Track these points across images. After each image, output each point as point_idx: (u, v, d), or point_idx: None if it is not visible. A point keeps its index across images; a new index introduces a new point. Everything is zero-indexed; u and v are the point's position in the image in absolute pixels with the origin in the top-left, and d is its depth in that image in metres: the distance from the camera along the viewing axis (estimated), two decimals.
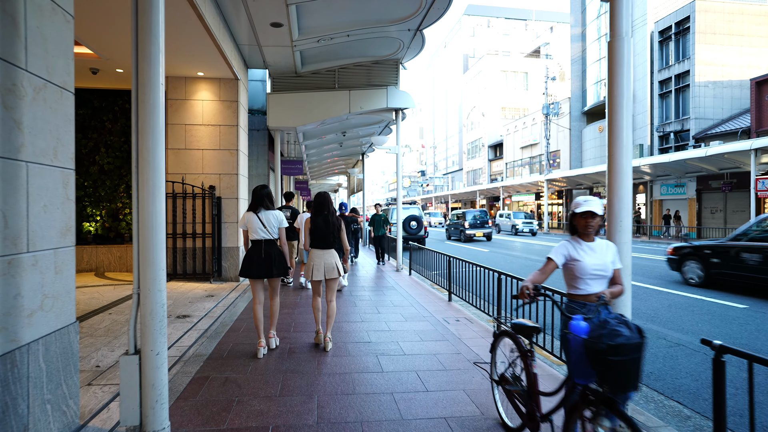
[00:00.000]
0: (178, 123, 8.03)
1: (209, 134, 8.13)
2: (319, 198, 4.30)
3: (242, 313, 5.74)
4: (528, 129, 40.13)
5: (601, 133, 30.76)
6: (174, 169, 8.01)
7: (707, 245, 8.50)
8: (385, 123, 11.37)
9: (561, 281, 2.51)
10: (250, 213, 4.10)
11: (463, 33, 59.39)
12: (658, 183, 24.97)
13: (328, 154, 15.72)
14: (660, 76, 25.02)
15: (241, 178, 8.39)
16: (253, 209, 4.11)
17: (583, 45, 34.20)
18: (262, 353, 4.00)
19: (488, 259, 13.62)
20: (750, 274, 7.46)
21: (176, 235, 7.87)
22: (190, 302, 6.22)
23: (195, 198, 7.94)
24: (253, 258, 4.02)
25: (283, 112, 9.43)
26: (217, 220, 8.06)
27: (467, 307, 6.42)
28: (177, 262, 7.90)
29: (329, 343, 4.22)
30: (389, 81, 9.82)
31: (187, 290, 7.10)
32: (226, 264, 8.17)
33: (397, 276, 9.33)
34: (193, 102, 8.08)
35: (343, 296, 6.98)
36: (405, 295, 7.16)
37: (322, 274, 4.14)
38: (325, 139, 12.61)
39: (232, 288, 7.49)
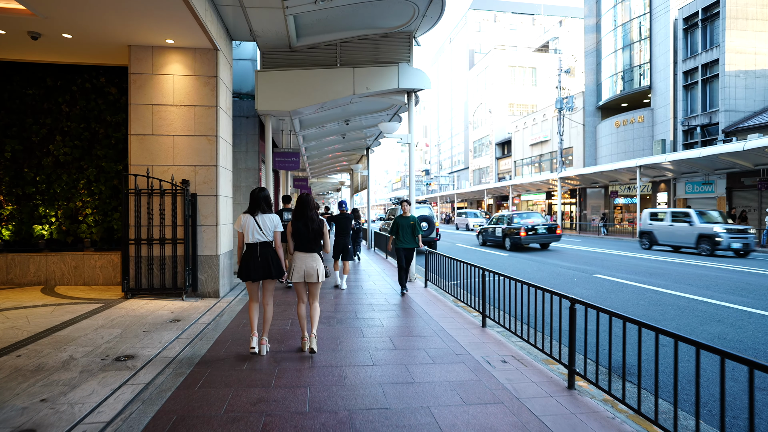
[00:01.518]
0: (142, 103, 6.54)
1: (182, 117, 6.63)
2: (300, 200, 4.24)
3: (211, 348, 4.23)
4: (538, 125, 38.52)
5: (618, 128, 29.14)
6: (138, 160, 6.52)
7: (484, 226, 17.85)
8: (395, 109, 9.85)
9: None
10: (247, 215, 4.07)
11: (469, 28, 57.79)
12: (683, 181, 23.33)
13: (329, 147, 14.22)
14: (685, 66, 23.39)
15: (222, 170, 6.89)
16: (251, 212, 4.09)
17: (597, 36, 32.55)
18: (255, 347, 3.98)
19: (510, 266, 12.08)
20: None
21: (140, 241, 6.37)
22: (144, 332, 4.71)
23: (163, 195, 6.44)
24: (251, 261, 4.04)
25: (275, 94, 7.93)
26: (192, 222, 6.56)
27: (509, 337, 4.90)
28: (141, 275, 6.41)
29: (314, 340, 4.15)
30: (400, 57, 8.30)
31: (148, 312, 5.60)
32: (202, 276, 6.67)
33: (411, 288, 7.81)
34: (162, 77, 6.58)
35: (347, 320, 5.47)
36: (425, 318, 5.63)
37: (301, 276, 4.14)
38: (326, 128, 11.10)
39: (207, 308, 5.98)
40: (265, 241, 4.08)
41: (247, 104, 9.46)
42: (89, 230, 7.53)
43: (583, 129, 32.73)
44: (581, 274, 9.92)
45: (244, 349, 4.22)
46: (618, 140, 29.07)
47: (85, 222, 7.53)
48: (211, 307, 6.01)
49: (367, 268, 10.61)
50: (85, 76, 7.46)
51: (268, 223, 4.10)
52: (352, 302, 6.56)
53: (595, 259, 13.05)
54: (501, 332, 5.13)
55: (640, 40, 28.05)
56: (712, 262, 12.14)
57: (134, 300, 6.21)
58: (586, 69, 33.20)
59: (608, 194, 30.75)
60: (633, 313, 6.35)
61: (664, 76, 25.13)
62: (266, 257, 4.06)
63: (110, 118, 7.52)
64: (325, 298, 6.78)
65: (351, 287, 7.87)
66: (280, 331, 4.90)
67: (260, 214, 4.08)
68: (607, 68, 31.19)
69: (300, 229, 4.14)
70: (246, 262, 4.05)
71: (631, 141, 28.00)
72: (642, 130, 27.25)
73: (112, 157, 7.50)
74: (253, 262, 4.02)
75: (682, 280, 9.08)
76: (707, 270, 10.50)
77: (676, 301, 7.02)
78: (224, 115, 7.05)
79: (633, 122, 27.89)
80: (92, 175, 7.50)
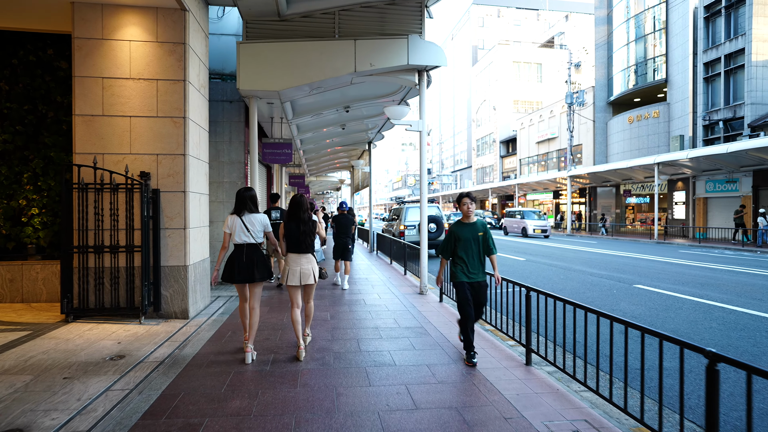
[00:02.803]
0: (90, 75, 5.22)
1: (141, 93, 5.31)
2: (293, 201, 4.17)
3: (151, 409, 2.92)
4: (545, 122, 37.20)
5: (631, 124, 27.81)
6: (85, 147, 5.20)
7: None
8: (403, 92, 8.53)
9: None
10: (234, 216, 4.02)
11: (472, 23, 56.46)
12: (703, 179, 22.01)
13: (328, 141, 12.91)
14: (705, 58, 22.06)
15: (193, 161, 5.58)
16: (237, 212, 4.03)
17: (608, 28, 31.21)
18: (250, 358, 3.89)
19: (530, 273, 10.76)
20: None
21: (86, 248, 5.06)
22: (65, 379, 3.40)
23: (116, 191, 5.13)
24: (236, 263, 3.96)
25: (261, 70, 6.61)
26: (153, 225, 5.25)
27: (567, 383, 3.59)
28: (88, 291, 5.09)
29: (308, 338, 4.32)
30: (410, 28, 6.99)
31: (86, 343, 4.28)
32: (167, 292, 5.35)
33: (422, 303, 6.49)
34: (115, 44, 5.26)
35: (347, 355, 4.15)
36: (448, 350, 4.31)
37: (297, 279, 4.03)
38: (323, 117, 9.78)
39: (169, 334, 4.67)
40: (252, 243, 4.02)
41: (231, 87, 8.15)
42: (35, 234, 6.21)
43: (593, 125, 31.40)
44: (618, 284, 8.59)
45: (200, 409, 2.91)
46: (631, 137, 27.75)
47: (30, 224, 6.22)
48: (174, 334, 4.69)
49: (369, 275, 9.30)
50: (29, 47, 6.13)
51: (256, 224, 4.06)
52: (353, 324, 5.24)
53: (625, 264, 11.72)
54: (552, 372, 3.82)
55: (654, 32, 26.72)
56: None
57: (75, 325, 4.89)
58: (597, 63, 31.86)
59: (620, 193, 29.43)
60: (713, 343, 5.03)
61: (682, 69, 23.80)
62: (252, 259, 3.99)
63: (61, 99, 6.20)
64: (319, 319, 5.47)
65: (352, 302, 6.56)
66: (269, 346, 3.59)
67: (247, 214, 4.03)
68: (618, 62, 29.86)
69: (293, 231, 4.05)
70: (231, 263, 3.99)
71: (645, 137, 26.67)
72: (657, 126, 25.93)
73: (64, 146, 6.18)
74: (238, 263, 3.96)
75: (744, 292, 7.76)
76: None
77: (758, 323, 5.71)
78: (195, 93, 5.73)
79: (647, 117, 26.56)
80: (39, 168, 6.18)
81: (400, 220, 13.41)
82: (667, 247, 17.43)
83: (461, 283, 4.05)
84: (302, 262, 4.06)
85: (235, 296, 6.92)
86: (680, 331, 5.36)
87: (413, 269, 9.02)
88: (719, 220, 21.26)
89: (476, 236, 4.04)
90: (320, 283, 8.11)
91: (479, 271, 4.08)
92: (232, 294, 7.12)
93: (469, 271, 4.04)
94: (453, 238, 4.09)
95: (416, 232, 13.10)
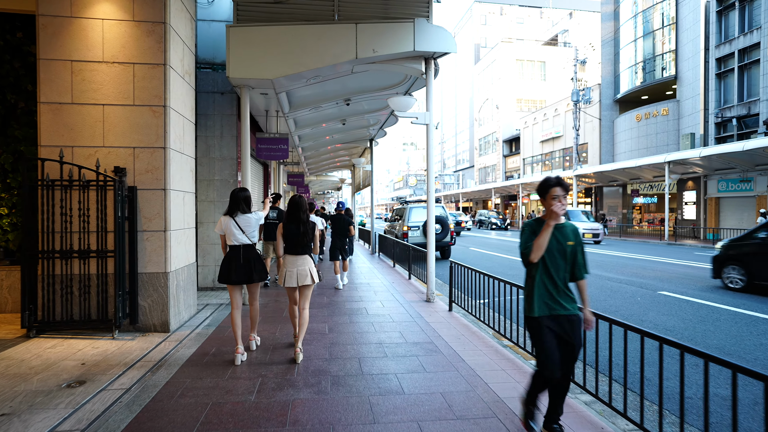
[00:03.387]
0: (57, 58, 4.63)
1: (115, 79, 4.72)
2: (292, 202, 4.09)
3: None
4: (549, 121, 36.57)
5: (639, 122, 27.16)
6: (52, 139, 4.62)
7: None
8: (408, 84, 7.91)
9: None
10: (227, 217, 3.97)
11: (474, 21, 55.83)
12: (715, 178, 21.36)
13: (328, 138, 12.31)
14: (718, 53, 21.40)
15: (174, 155, 4.98)
16: (230, 213, 3.98)
17: (615, 24, 30.56)
18: (240, 360, 3.84)
19: None
20: None
21: (52, 253, 4.47)
22: (3, 416, 2.81)
23: (86, 189, 4.54)
24: (232, 264, 3.93)
25: (253, 56, 6.02)
26: (129, 227, 4.66)
27: (612, 418, 3.00)
28: (55, 302, 4.50)
29: (300, 355, 3.93)
30: (416, 11, 6.39)
31: (45, 364, 3.69)
32: (145, 302, 4.76)
33: (429, 313, 5.89)
34: (86, 22, 4.68)
35: (347, 379, 3.55)
36: (464, 372, 3.71)
37: (294, 280, 3.98)
38: (322, 111, 9.17)
39: (143, 352, 4.08)
40: (248, 243, 4.01)
41: (222, 78, 7.56)
42: (4, 236, 5.63)
43: (599, 124, 30.75)
44: (641, 291, 7.97)
45: None
46: (639, 135, 27.09)
47: None
48: (149, 352, 4.10)
49: (371, 280, 8.70)
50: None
51: (251, 225, 4.03)
52: (354, 339, 4.64)
53: (642, 267, 11.09)
54: (590, 402, 3.23)
55: (663, 27, 26.08)
56: None
57: (37, 341, 4.31)
58: (603, 60, 31.21)
59: (627, 193, 28.79)
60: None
61: (693, 65, 23.14)
62: (249, 260, 3.98)
63: (32, 88, 5.59)
64: (316, 332, 4.87)
65: (353, 311, 5.97)
66: None
67: (240, 215, 3.99)
68: (625, 58, 29.20)
69: (292, 232, 4.01)
70: (227, 264, 3.95)
71: (654, 136, 26.02)
72: (666, 124, 25.28)
73: (35, 139, 5.59)
74: (235, 264, 3.93)
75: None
76: None
77: None
78: (178, 80, 5.14)
79: (656, 115, 25.91)
80: (8, 163, 5.59)
81: (404, 221, 12.80)
82: (679, 249, 16.80)
83: (539, 320, 2.52)
84: (299, 263, 4.02)
85: (225, 304, 6.33)
86: (727, 348, 4.75)
87: (418, 273, 8.43)
88: (732, 220, 20.60)
89: (564, 247, 2.53)
90: (318, 290, 7.53)
91: (568, 300, 2.55)
92: (222, 302, 6.53)
93: (553, 300, 2.53)
94: (528, 239, 2.57)
95: (420, 233, 12.49)
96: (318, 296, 6.94)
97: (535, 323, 2.55)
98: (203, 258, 7.49)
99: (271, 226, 7.36)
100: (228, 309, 6.01)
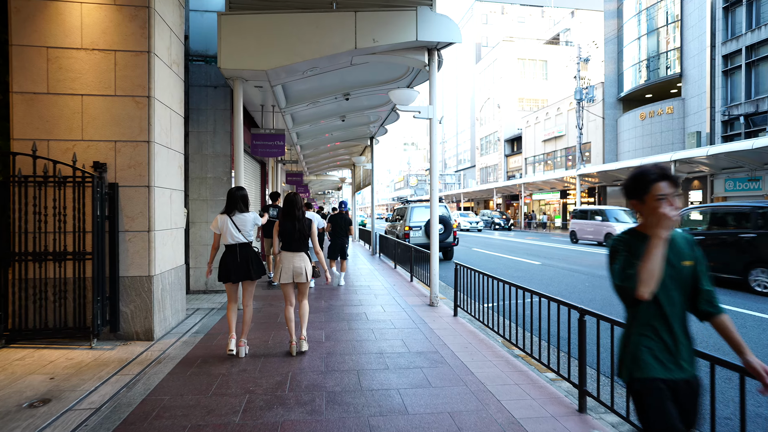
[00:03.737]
0: (32, 44, 4.28)
1: (95, 67, 4.38)
2: (287, 200, 4.13)
3: None
4: (551, 120, 36.20)
5: (643, 121, 26.79)
6: (25, 131, 4.27)
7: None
8: (411, 76, 7.56)
9: None
10: (224, 216, 4.00)
11: (475, 20, 55.48)
12: (721, 177, 20.97)
13: (327, 135, 11.97)
14: (724, 50, 21.03)
15: (160, 149, 4.63)
16: (228, 212, 4.02)
17: (618, 22, 30.20)
18: (233, 344, 3.90)
19: (550, 280, 9.82)
20: None
21: (24, 256, 4.12)
22: None
23: (63, 185, 4.19)
24: (230, 263, 3.97)
25: (246, 46, 5.67)
26: (110, 227, 4.31)
27: None
28: (27, 308, 4.15)
29: (304, 343, 4.04)
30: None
31: (9, 377, 3.33)
32: (127, 309, 4.41)
33: (433, 318, 5.54)
34: (63, 6, 4.33)
35: (344, 396, 3.19)
36: (472, 385, 3.35)
37: (290, 277, 4.02)
38: (320, 107, 8.82)
39: (122, 363, 3.73)
40: (245, 242, 4.04)
41: (215, 71, 7.21)
42: None
43: (602, 122, 30.38)
44: None
45: None
46: (643, 134, 26.72)
47: None
48: (128, 364, 3.75)
49: (371, 282, 8.35)
50: None
51: (248, 224, 4.06)
52: (352, 348, 4.28)
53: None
54: (617, 424, 2.87)
55: (667, 24, 25.72)
56: None
57: (6, 352, 3.95)
58: (606, 58, 30.85)
59: None
60: None
61: (698, 62, 22.78)
62: (246, 258, 4.02)
63: (4, 77, 5.26)
64: (312, 340, 4.51)
65: (352, 316, 5.61)
66: None
67: (237, 214, 4.03)
68: (629, 56, 28.84)
69: (288, 229, 4.04)
70: (225, 263, 4.00)
71: (659, 134, 25.65)
72: (671, 123, 24.91)
73: (8, 133, 5.25)
74: (233, 263, 3.97)
75: None
76: None
77: None
78: (165, 69, 4.79)
79: (661, 114, 25.54)
80: None
81: (405, 221, 12.44)
82: None
83: (652, 383, 1.64)
84: (295, 260, 4.04)
85: (217, 309, 5.98)
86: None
87: (421, 275, 8.08)
88: None
89: (680, 269, 1.67)
90: (316, 292, 7.19)
91: (688, 354, 1.69)
92: (213, 306, 6.18)
93: (669, 354, 1.66)
94: (627, 262, 1.63)
95: (422, 233, 12.14)
96: (315, 300, 6.59)
97: (644, 387, 1.64)
98: (195, 260, 7.14)
99: (272, 224, 7.11)
100: (218, 313, 5.68)
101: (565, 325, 3.62)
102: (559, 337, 3.55)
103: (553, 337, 4.41)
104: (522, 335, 4.26)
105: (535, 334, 4.71)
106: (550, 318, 3.99)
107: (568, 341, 3.54)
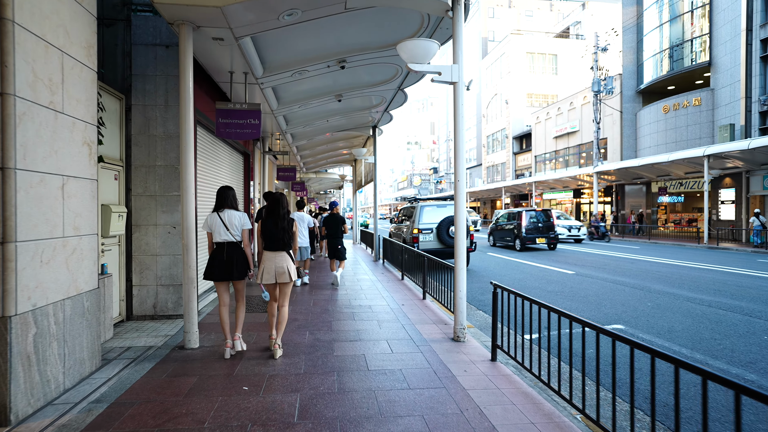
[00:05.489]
0: None
1: None
2: (273, 199, 4.18)
3: None
4: (564, 115, 34.34)
5: (667, 114, 24.89)
6: None
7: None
8: (427, 33, 5.76)
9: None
10: (214, 214, 4.04)
11: (482, 14, 53.62)
12: (759, 174, 19.10)
13: (322, 122, 10.17)
14: (763, 33, 19.12)
15: (28, 107, 2.87)
16: (217, 209, 4.05)
17: (638, 9, 28.30)
18: (229, 354, 3.93)
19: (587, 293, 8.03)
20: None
21: None
22: None
23: None
24: (215, 261, 4.01)
25: None
26: None
27: None
28: None
29: (278, 350, 3.97)
30: None
31: None
32: None
33: (462, 366, 3.75)
34: None
35: None
36: None
37: (272, 277, 4.02)
38: (309, 79, 7.01)
39: None
40: (233, 241, 4.04)
41: (167, 26, 5.45)
42: None
43: (620, 117, 28.49)
44: (756, 321, 5.79)
45: None
46: (666, 128, 24.83)
47: None
48: None
49: (373, 301, 6.56)
50: None
51: (236, 222, 4.04)
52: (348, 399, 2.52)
53: (721, 282, 8.77)
54: None
55: (693, 10, 23.82)
56: None
57: None
58: (624, 48, 28.94)
59: (651, 191, 26.54)
60: None
61: (731, 48, 20.87)
62: (231, 258, 4.00)
63: None
64: (277, 414, 2.74)
65: (346, 360, 3.83)
66: None
67: (226, 211, 4.03)
68: (649, 46, 26.93)
69: (269, 228, 4.03)
70: (212, 261, 4.01)
71: (684, 128, 23.75)
72: (699, 115, 23.01)
73: None
74: (218, 261, 3.98)
75: None
76: None
77: None
78: None
79: (686, 106, 23.64)
80: None
81: (414, 222, 10.64)
82: (729, 255, 14.58)
83: None
84: (277, 260, 4.02)
85: (157, 347, 4.22)
86: None
87: (437, 291, 6.29)
88: None
89: None
90: (300, 319, 5.41)
91: None
92: (153, 343, 4.42)
93: None
94: None
95: (434, 237, 10.35)
96: (298, 329, 4.81)
97: None
98: (141, 275, 5.39)
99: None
100: (157, 355, 3.92)
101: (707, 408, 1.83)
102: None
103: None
104: (614, 407, 2.48)
105: (634, 406, 2.92)
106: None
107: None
